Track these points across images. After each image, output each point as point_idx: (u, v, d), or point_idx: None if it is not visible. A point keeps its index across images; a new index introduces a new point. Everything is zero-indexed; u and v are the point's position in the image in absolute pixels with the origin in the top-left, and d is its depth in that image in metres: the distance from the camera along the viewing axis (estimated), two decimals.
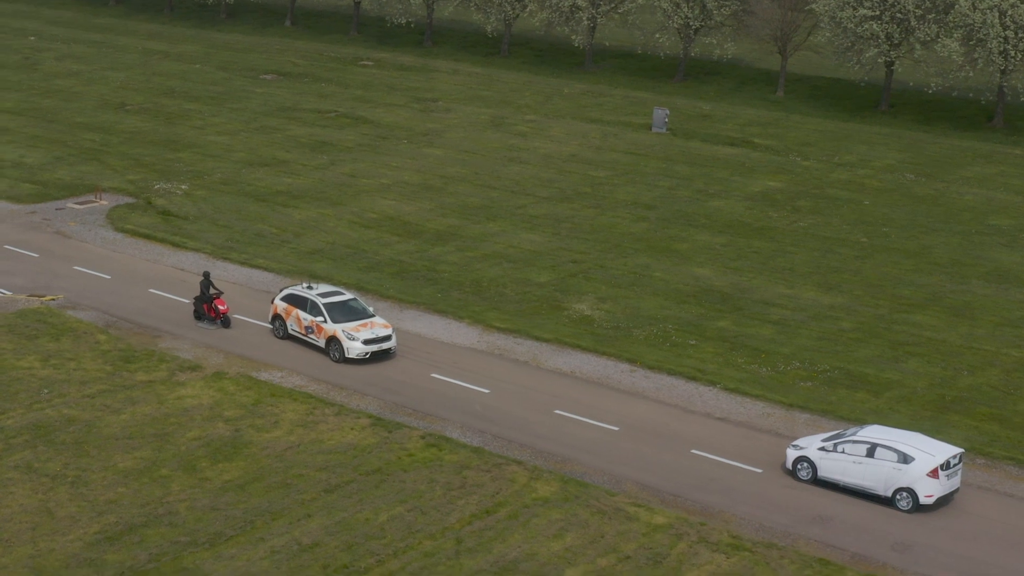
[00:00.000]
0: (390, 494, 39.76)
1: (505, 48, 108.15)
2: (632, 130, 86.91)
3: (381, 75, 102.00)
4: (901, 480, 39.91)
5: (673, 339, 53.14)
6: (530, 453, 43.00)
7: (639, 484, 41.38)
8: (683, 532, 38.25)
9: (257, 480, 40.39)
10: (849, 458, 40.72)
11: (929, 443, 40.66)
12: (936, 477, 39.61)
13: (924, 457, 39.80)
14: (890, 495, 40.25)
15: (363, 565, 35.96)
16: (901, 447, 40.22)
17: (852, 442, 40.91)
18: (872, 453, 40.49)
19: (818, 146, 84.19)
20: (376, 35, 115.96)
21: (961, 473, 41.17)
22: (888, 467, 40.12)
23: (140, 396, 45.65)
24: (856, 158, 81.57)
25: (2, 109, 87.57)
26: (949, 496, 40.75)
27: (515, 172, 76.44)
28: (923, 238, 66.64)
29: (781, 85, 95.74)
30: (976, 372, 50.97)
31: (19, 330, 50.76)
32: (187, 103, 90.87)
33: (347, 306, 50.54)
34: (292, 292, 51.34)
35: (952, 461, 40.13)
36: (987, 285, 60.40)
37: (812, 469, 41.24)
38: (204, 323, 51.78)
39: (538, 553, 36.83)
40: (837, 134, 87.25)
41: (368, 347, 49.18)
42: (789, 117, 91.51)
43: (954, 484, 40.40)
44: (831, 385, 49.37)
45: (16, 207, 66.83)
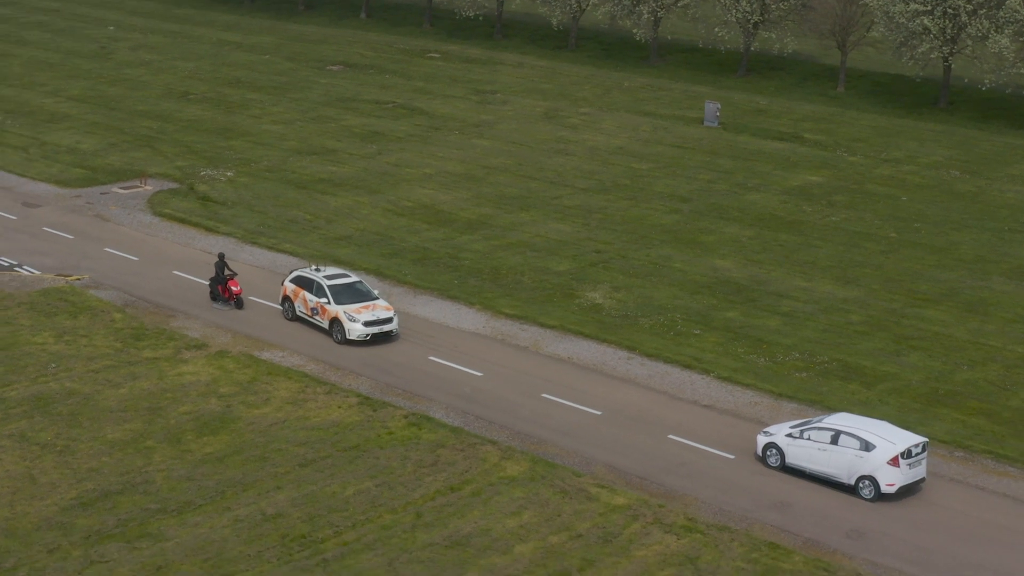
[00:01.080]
0: (362, 469, 41.01)
1: (572, 42, 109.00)
2: (684, 124, 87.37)
3: (446, 67, 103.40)
4: (863, 468, 40.33)
5: (678, 328, 53.79)
6: (508, 434, 44.02)
7: (609, 466, 42.21)
8: (640, 513, 39.03)
9: (236, 453, 41.86)
10: (814, 445, 41.21)
11: (893, 432, 41.02)
12: (897, 465, 39.97)
13: (885, 445, 40.17)
14: (853, 483, 40.69)
15: (320, 536, 37.23)
16: (863, 434, 40.62)
17: (817, 429, 41.40)
18: (836, 440, 40.93)
19: (868, 142, 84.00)
20: (448, 28, 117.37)
21: (926, 462, 41.23)
22: (851, 455, 40.52)
23: (142, 372, 47.38)
24: (904, 154, 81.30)
25: (69, 96, 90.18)
26: (915, 485, 41.02)
27: (558, 164, 77.34)
28: (953, 234, 66.47)
29: (841, 80, 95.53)
30: (976, 367, 51.01)
31: (40, 307, 52.81)
32: (249, 93, 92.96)
33: (352, 288, 51.55)
34: (300, 274, 52.53)
35: (914, 450, 40.40)
36: (1008, 282, 60.19)
37: (780, 456, 41.89)
38: (218, 304, 53.41)
39: (492, 529, 37.85)
40: (889, 130, 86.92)
41: (369, 329, 50.20)
42: (845, 113, 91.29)
43: (918, 473, 40.68)
44: (825, 376, 49.74)
45: (63, 191, 69.15)
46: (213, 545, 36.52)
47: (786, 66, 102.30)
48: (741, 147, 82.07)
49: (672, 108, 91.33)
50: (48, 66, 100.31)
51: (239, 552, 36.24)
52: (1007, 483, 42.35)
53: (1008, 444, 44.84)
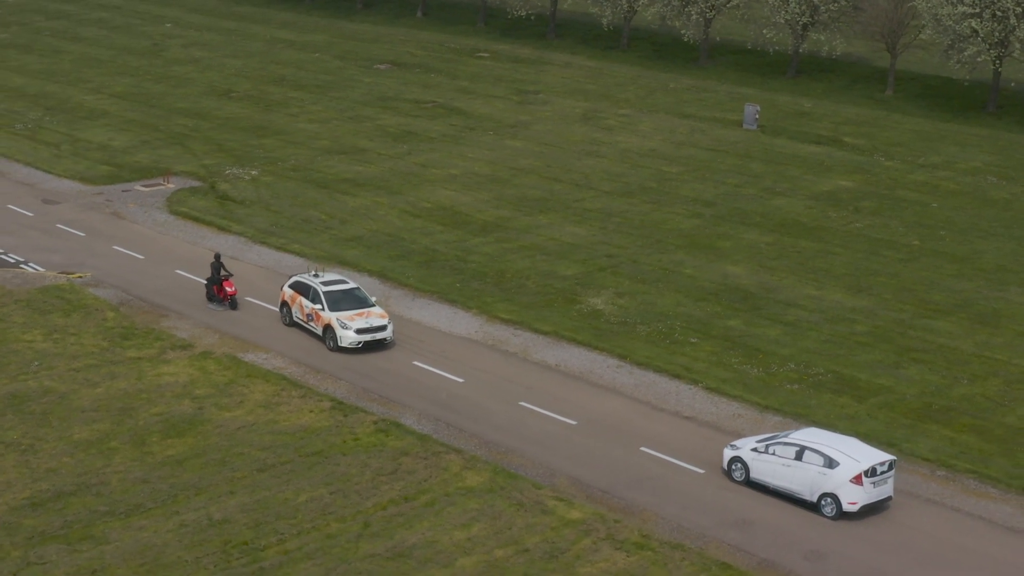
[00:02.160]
0: (319, 476, 40.67)
1: (624, 42, 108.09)
2: (722, 126, 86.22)
3: (493, 67, 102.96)
4: (826, 485, 39.35)
5: (675, 336, 52.93)
6: (476, 443, 43.49)
7: (572, 479, 41.53)
8: (593, 528, 38.33)
9: (197, 456, 41.72)
10: (779, 460, 40.31)
11: (859, 449, 39.98)
12: (860, 483, 38.96)
13: (849, 462, 39.17)
14: (815, 500, 39.73)
15: (263, 543, 36.95)
16: (828, 451, 39.65)
17: (783, 444, 40.48)
18: (800, 456, 39.99)
19: (908, 146, 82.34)
20: (502, 27, 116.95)
21: (893, 481, 40.20)
22: (814, 471, 39.55)
23: (122, 372, 47.43)
24: (942, 159, 79.59)
25: (112, 93, 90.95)
26: (881, 504, 39.93)
27: (587, 166, 76.63)
28: (977, 243, 64.88)
29: (891, 83, 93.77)
30: (976, 381, 49.68)
31: (36, 305, 53.11)
32: (292, 91, 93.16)
33: (348, 295, 51.03)
34: (298, 279, 52.08)
35: (879, 468, 39.38)
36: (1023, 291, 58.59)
37: (745, 470, 41.08)
38: (213, 304, 53.33)
39: (439, 541, 37.34)
40: (932, 135, 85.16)
41: (361, 336, 49.61)
42: (890, 116, 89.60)
43: (883, 492, 39.67)
44: (817, 389, 48.68)
45: (85, 188, 69.64)
46: (153, 550, 36.36)
47: (836, 68, 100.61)
48: (776, 151, 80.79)
49: (713, 110, 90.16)
50: (98, 63, 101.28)
51: (177, 557, 36.04)
52: (985, 505, 41.10)
53: (994, 464, 43.52)
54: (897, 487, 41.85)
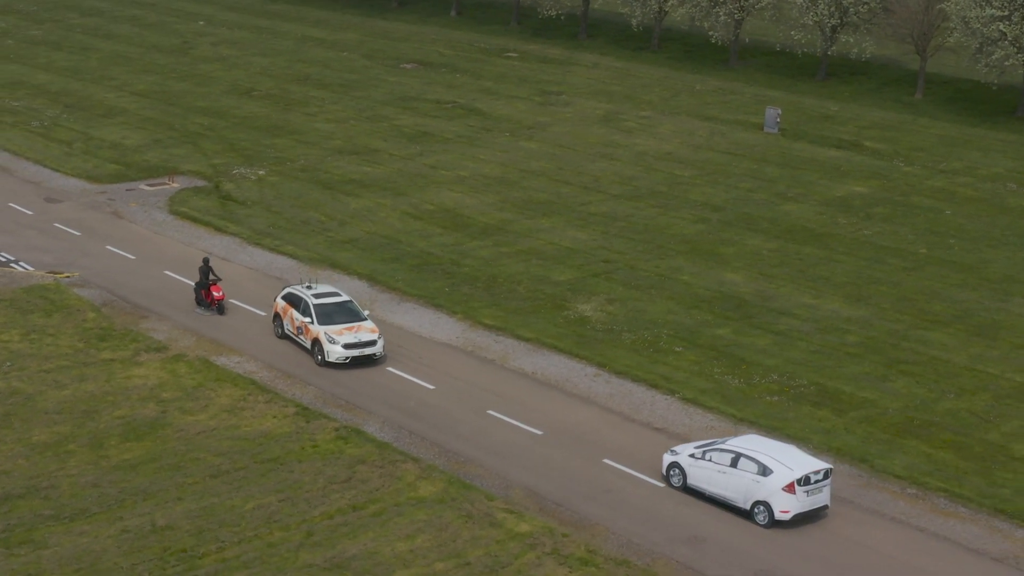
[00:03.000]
0: (271, 483, 40.24)
1: (655, 42, 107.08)
2: (743, 129, 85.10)
3: (520, 67, 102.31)
4: (759, 493, 38.75)
5: (660, 345, 52.10)
6: (436, 452, 42.89)
7: (528, 490, 40.86)
8: (540, 543, 37.63)
9: (153, 461, 41.41)
10: (715, 467, 39.76)
11: (796, 457, 39.41)
12: (792, 492, 38.32)
13: (783, 470, 38.51)
14: (749, 508, 39.10)
15: (203, 551, 36.55)
16: (762, 458, 39.03)
17: (719, 451, 39.87)
18: (736, 463, 39.46)
19: (930, 151, 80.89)
20: (534, 27, 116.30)
21: (829, 490, 39.52)
22: (748, 479, 38.98)
23: (93, 374, 47.24)
24: (963, 165, 78.09)
25: (133, 91, 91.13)
26: (817, 513, 39.38)
27: (599, 168, 75.85)
28: (987, 251, 63.49)
29: (920, 87, 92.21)
30: (963, 396, 48.51)
31: (19, 304, 53.08)
32: (314, 90, 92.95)
33: (339, 308, 49.72)
34: (291, 291, 50.92)
35: (813, 477, 38.63)
36: None
37: (683, 476, 40.58)
38: (201, 309, 52.98)
39: (380, 552, 36.79)
40: (957, 139, 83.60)
41: (348, 351, 48.27)
42: (916, 120, 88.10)
43: (817, 501, 38.97)
44: (797, 401, 47.70)
45: (90, 186, 69.70)
46: (90, 555, 36.07)
47: (868, 71, 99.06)
48: (794, 155, 79.61)
49: (736, 113, 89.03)
50: (125, 60, 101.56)
51: (114, 564, 35.75)
52: (952, 525, 40.04)
53: (968, 482, 42.40)
54: (865, 506, 40.96)
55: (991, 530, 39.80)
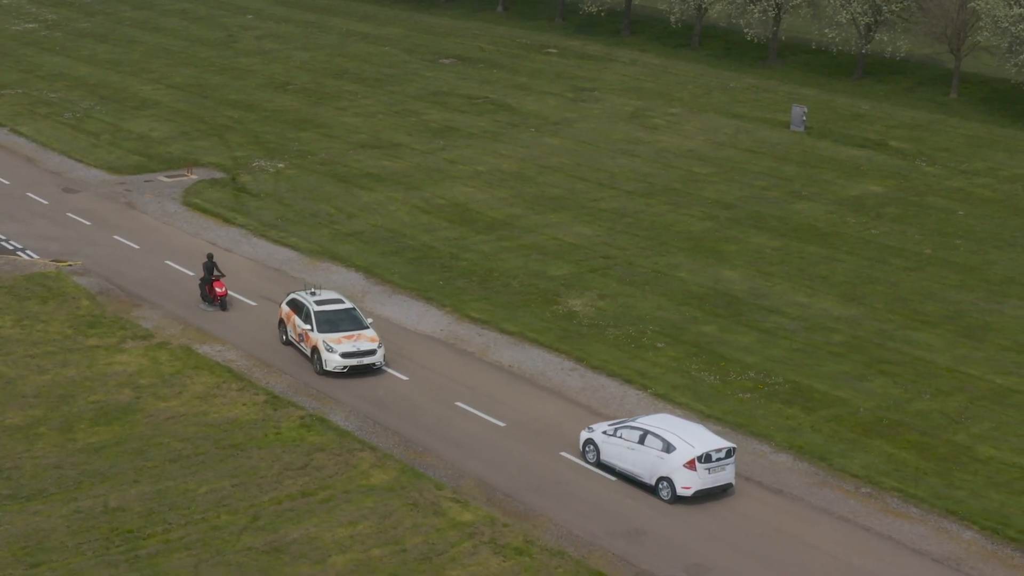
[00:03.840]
0: (227, 469, 41.18)
1: (696, 39, 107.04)
2: (769, 127, 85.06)
3: (557, 63, 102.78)
4: (663, 469, 40.08)
5: (642, 341, 52.49)
6: (395, 441, 43.63)
7: (479, 480, 41.48)
8: (479, 532, 38.25)
9: (118, 445, 42.50)
10: (624, 443, 41.15)
11: (700, 435, 40.44)
12: (693, 469, 39.58)
13: (685, 447, 39.80)
14: (654, 483, 40.40)
15: (148, 532, 37.54)
16: (667, 436, 40.39)
17: (629, 428, 41.26)
18: (643, 440, 40.77)
19: (955, 152, 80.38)
20: (577, 23, 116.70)
21: (733, 468, 40.51)
22: (653, 455, 40.32)
23: (76, 359, 48.48)
24: (986, 166, 77.53)
25: (170, 83, 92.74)
26: (722, 490, 40.48)
27: (618, 165, 76.21)
28: (992, 253, 63.14)
29: (954, 86, 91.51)
30: (939, 396, 48.46)
31: (18, 291, 54.51)
32: (349, 85, 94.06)
33: (341, 316, 48.88)
34: (294, 297, 50.15)
35: (715, 455, 39.88)
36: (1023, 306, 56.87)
37: (596, 452, 41.94)
38: (205, 305, 53.69)
39: (320, 537, 37.57)
40: (985, 140, 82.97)
41: (346, 361, 47.53)
42: (946, 120, 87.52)
43: (720, 479, 40.11)
44: (769, 399, 47.92)
45: (110, 177, 71.18)
46: (39, 534, 37.16)
47: (905, 70, 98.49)
48: (816, 153, 79.47)
49: (766, 111, 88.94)
50: (167, 53, 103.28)
51: (60, 543, 36.77)
52: (899, 525, 40.15)
53: (925, 483, 42.45)
54: (815, 504, 41.18)
55: (938, 531, 39.83)
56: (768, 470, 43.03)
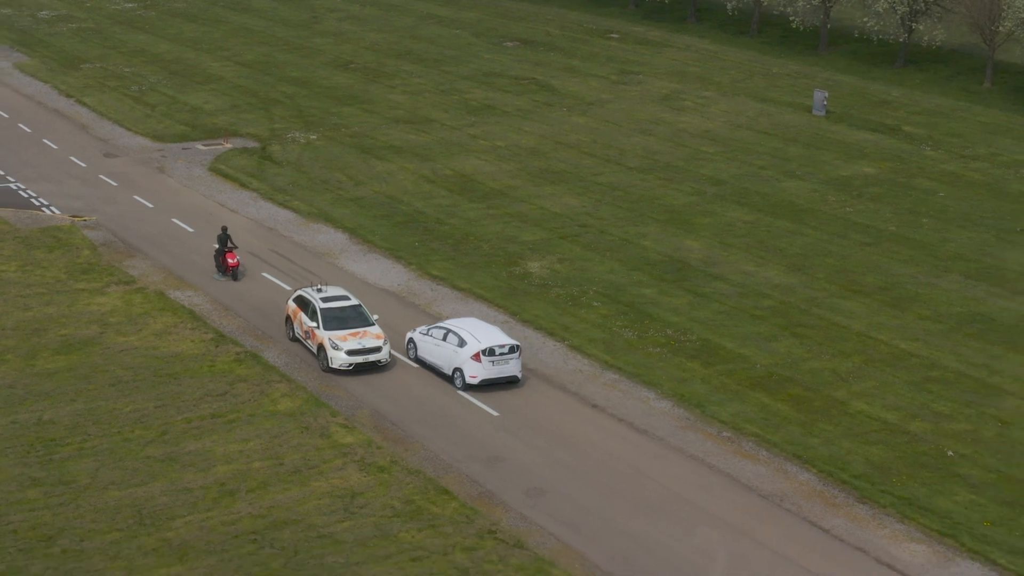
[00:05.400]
0: (156, 393, 46.99)
1: (754, 27, 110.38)
2: (792, 111, 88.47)
3: (614, 47, 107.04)
4: (456, 361, 47.28)
5: (581, 300, 56.99)
6: (311, 376, 48.94)
7: (374, 411, 46.61)
8: (353, 452, 43.43)
9: (70, 371, 48.61)
10: (433, 340, 48.52)
11: (491, 334, 47.76)
12: (479, 361, 46.91)
13: (473, 342, 47.03)
14: (451, 373, 47.75)
15: (68, 441, 43.47)
16: (462, 333, 47.62)
17: (437, 328, 48.58)
18: (445, 337, 47.99)
19: (965, 137, 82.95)
20: (648, 10, 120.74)
21: (518, 363, 47.81)
22: (450, 350, 47.53)
23: (60, 300, 54.84)
24: (989, 151, 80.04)
25: (239, 61, 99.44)
26: (507, 381, 47.83)
27: (632, 143, 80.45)
28: (954, 232, 66.12)
29: (988, 76, 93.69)
30: (838, 357, 52.09)
31: (30, 241, 61.20)
32: (408, 65, 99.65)
33: (345, 313, 49.53)
34: (301, 294, 50.82)
35: (498, 350, 47.09)
36: (961, 280, 60.03)
37: (415, 348, 49.44)
38: (218, 275, 57.87)
39: (213, 451, 43.16)
40: (1000, 127, 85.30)
41: (352, 358, 48.20)
42: (971, 108, 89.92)
43: (504, 371, 47.38)
44: (675, 353, 52.12)
45: (151, 144, 77.82)
46: None
47: (947, 59, 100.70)
48: (825, 136, 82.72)
49: (797, 96, 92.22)
50: (247, 33, 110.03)
51: None
52: (743, 465, 43.98)
53: (785, 430, 46.26)
54: (672, 443, 45.22)
55: (777, 472, 43.77)
56: (643, 413, 47.29)
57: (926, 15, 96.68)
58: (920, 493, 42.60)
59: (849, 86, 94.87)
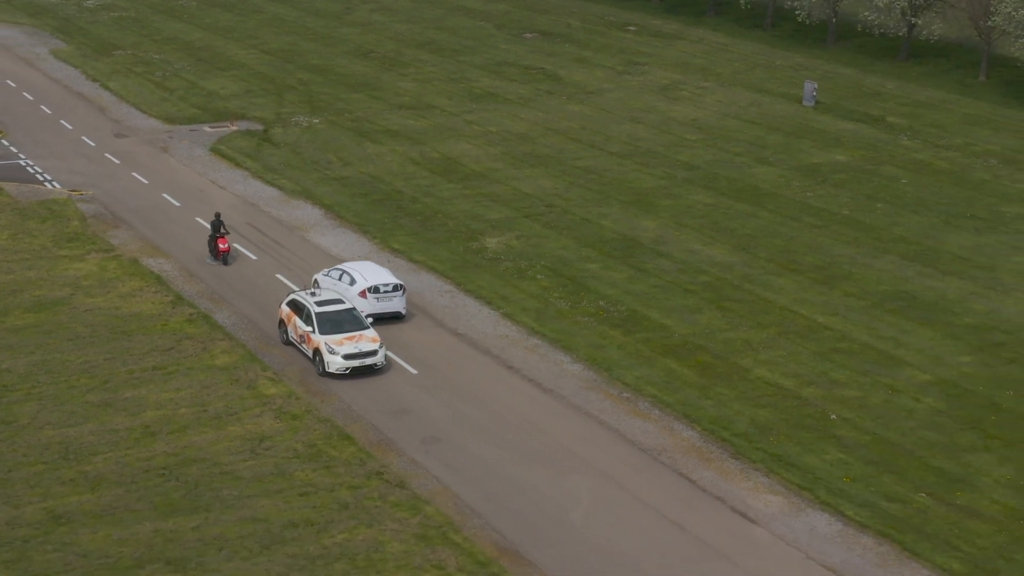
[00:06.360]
0: (108, 348, 51.55)
1: (768, 21, 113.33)
2: (784, 101, 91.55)
3: (628, 39, 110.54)
4: (348, 297, 52.62)
5: (526, 273, 60.80)
6: (254, 335, 53.24)
7: (304, 369, 50.84)
8: (272, 402, 47.67)
9: (36, 327, 53.33)
10: (332, 280, 55.12)
11: (379, 274, 54.48)
12: (365, 297, 53.38)
13: (362, 281, 53.75)
14: None
15: (18, 387, 48.07)
16: (353, 272, 54.42)
17: (336, 269, 55.19)
18: (341, 277, 54.73)
19: (945, 128, 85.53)
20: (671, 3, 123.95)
21: (402, 302, 54.20)
22: (344, 288, 53.93)
23: (41, 265, 59.67)
24: (965, 141, 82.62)
25: (265, 49, 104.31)
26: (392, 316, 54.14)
27: (620, 131, 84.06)
28: (904, 216, 68.96)
29: (983, 69, 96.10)
30: (755, 329, 55.42)
31: (27, 212, 66.21)
32: (425, 54, 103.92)
33: (340, 317, 50.18)
34: (295, 298, 51.45)
35: (382, 288, 53.80)
36: (897, 261, 62.90)
37: (319, 288, 54.08)
38: (210, 259, 61.18)
39: (147, 398, 47.63)
40: (982, 119, 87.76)
41: (349, 362, 48.85)
42: (959, 100, 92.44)
43: (388, 307, 53.92)
44: (600, 323, 55.79)
45: (162, 126, 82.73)
46: None
47: (949, 53, 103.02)
48: (808, 125, 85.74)
49: (792, 87, 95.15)
50: (279, 23, 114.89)
51: None
52: (632, 422, 47.33)
53: (683, 393, 49.68)
54: (572, 402, 48.60)
55: (663, 429, 47.35)
56: (553, 375, 50.99)
57: (927, 10, 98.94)
58: (792, 451, 45.82)
59: (847, 78, 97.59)
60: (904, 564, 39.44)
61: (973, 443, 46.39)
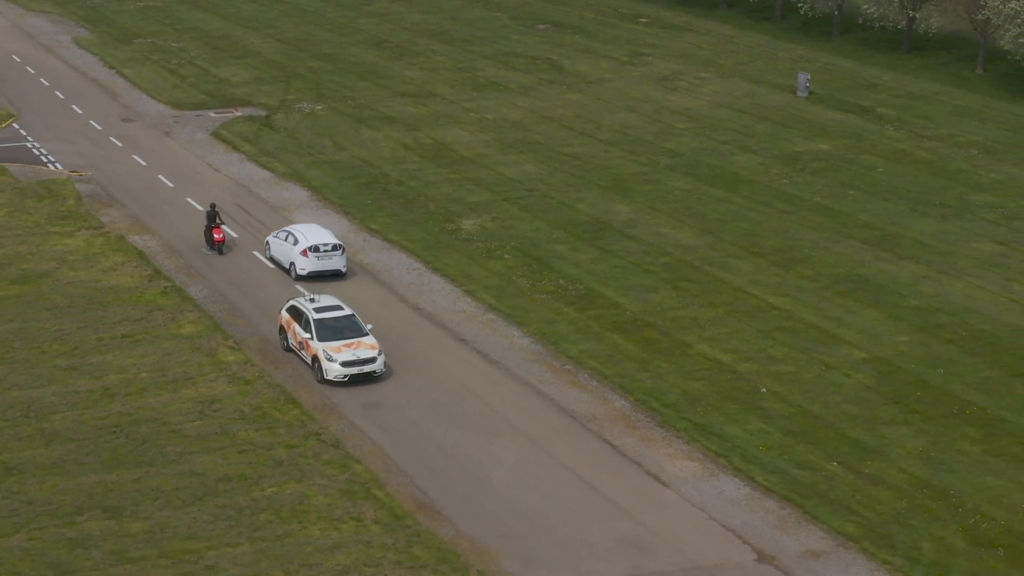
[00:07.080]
0: (82, 317, 54.64)
1: (777, 13, 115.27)
2: (777, 92, 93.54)
3: (638, 31, 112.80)
4: (291, 256, 58.06)
5: (494, 253, 63.39)
6: (223, 308, 56.17)
7: (265, 340, 53.76)
8: (228, 369, 50.52)
9: (18, 298, 56.55)
10: (279, 241, 59.21)
11: (320, 235, 58.35)
12: (306, 256, 57.60)
13: (303, 240, 57.65)
14: (289, 267, 58.38)
15: None
16: (297, 234, 58.27)
17: (283, 231, 59.09)
18: (287, 239, 58.58)
19: (933, 119, 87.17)
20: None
21: (342, 260, 58.31)
22: (289, 247, 58.12)
23: (32, 240, 62.98)
24: (947, 132, 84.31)
25: (280, 38, 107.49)
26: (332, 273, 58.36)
27: (613, 119, 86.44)
28: (873, 203, 70.85)
29: (980, 62, 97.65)
30: (706, 308, 57.60)
31: (27, 191, 69.61)
32: (436, 44, 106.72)
33: (339, 324, 49.74)
34: (294, 304, 51.08)
35: (323, 247, 57.80)
36: (858, 245, 64.77)
37: (269, 249, 60.19)
38: (205, 248, 63.11)
39: (111, 363, 50.67)
40: (970, 111, 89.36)
41: (347, 369, 48.55)
42: (951, 92, 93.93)
43: (329, 265, 58.07)
44: (557, 300, 58.32)
45: (169, 111, 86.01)
46: None
47: (951, 46, 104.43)
48: (797, 115, 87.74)
49: (789, 78, 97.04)
50: (300, 13, 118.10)
51: None
52: (569, 392, 49.77)
53: (623, 367, 52.08)
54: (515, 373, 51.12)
55: (597, 399, 49.81)
56: (501, 348, 53.56)
57: (925, 3, 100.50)
58: (717, 421, 48.20)
59: (845, 70, 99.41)
60: (802, 527, 41.66)
61: (893, 417, 48.40)
